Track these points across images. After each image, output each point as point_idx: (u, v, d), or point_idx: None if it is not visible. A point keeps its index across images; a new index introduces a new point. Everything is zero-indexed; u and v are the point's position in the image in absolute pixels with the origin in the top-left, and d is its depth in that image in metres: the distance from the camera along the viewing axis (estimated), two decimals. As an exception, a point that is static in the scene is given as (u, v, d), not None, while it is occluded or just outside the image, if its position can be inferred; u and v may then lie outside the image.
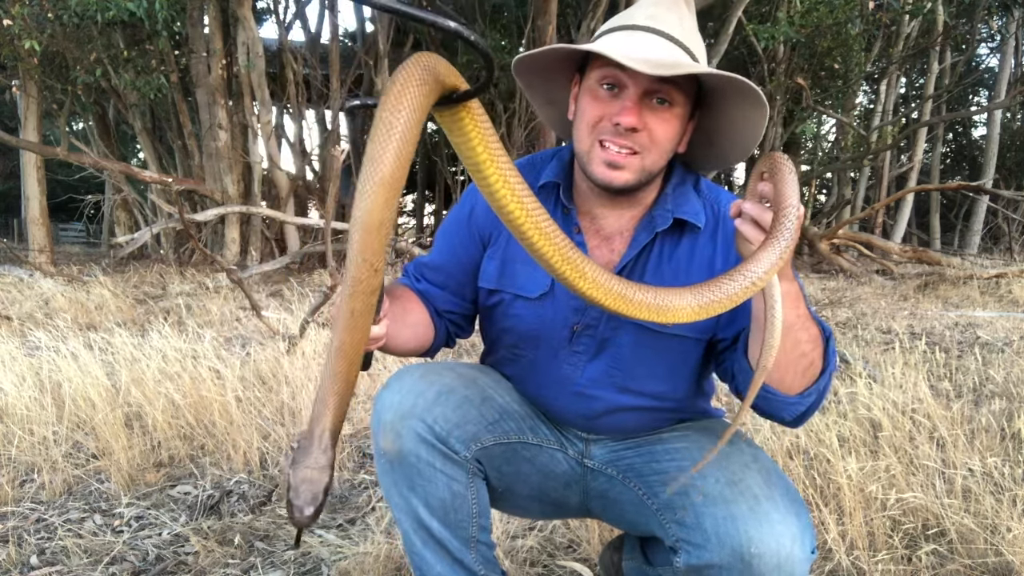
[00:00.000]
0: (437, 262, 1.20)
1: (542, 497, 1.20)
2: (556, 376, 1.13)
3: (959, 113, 14.71)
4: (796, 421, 0.98)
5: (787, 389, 0.94)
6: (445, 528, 1.07)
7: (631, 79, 0.98)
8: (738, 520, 0.89)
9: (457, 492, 1.06)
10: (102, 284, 5.52)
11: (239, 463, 2.19)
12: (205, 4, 8.68)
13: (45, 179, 10.03)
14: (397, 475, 1.05)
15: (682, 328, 1.04)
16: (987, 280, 6.90)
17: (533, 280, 1.11)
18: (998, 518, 1.63)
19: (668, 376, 1.10)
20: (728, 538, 0.88)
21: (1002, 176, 14.94)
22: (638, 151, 1.00)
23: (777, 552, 0.86)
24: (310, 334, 3.66)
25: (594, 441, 1.17)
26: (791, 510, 0.90)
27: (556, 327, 1.11)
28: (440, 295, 1.19)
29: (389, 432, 1.03)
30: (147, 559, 1.67)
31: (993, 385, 3.02)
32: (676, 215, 1.06)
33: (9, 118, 16.70)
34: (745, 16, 9.02)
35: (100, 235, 14.49)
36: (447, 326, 1.21)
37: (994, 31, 13.81)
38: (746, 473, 0.94)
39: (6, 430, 2.28)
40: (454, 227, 1.20)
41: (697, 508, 0.93)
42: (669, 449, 1.07)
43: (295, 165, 10.43)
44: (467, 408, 1.07)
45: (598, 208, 1.10)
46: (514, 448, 1.12)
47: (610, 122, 1.00)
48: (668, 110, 1.00)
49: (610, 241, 1.10)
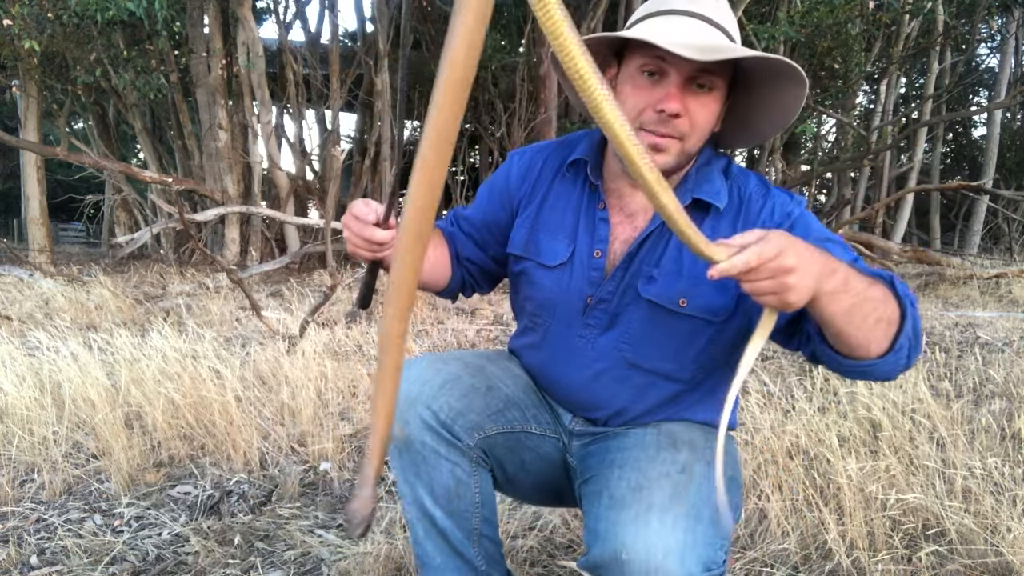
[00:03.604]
0: (471, 214, 1.26)
1: (544, 486, 1.21)
2: (567, 346, 1.14)
3: (959, 113, 14.69)
4: (907, 368, 0.94)
5: (878, 352, 0.89)
6: (448, 517, 1.09)
7: (673, 66, 0.97)
8: (620, 526, 0.88)
9: (460, 479, 1.08)
10: (102, 284, 5.52)
11: (239, 463, 2.19)
12: (205, 4, 8.67)
13: (45, 179, 10.04)
14: (404, 461, 1.08)
15: (695, 309, 1.05)
16: (987, 280, 6.90)
17: (553, 251, 1.14)
18: (998, 518, 1.63)
19: (676, 355, 1.10)
20: (608, 541, 0.88)
21: (1002, 176, 14.92)
22: (679, 137, 1.01)
23: (646, 562, 0.84)
24: (310, 334, 3.66)
25: (577, 435, 1.17)
26: (681, 524, 0.87)
27: (571, 297, 1.13)
28: (464, 241, 1.25)
29: (396, 419, 1.05)
30: (147, 559, 1.67)
31: (993, 385, 3.02)
32: (695, 195, 1.06)
33: (9, 118, 16.70)
34: (745, 16, 9.01)
35: (100, 235, 14.48)
36: (464, 274, 1.26)
37: (994, 31, 13.79)
38: (659, 481, 0.92)
39: (6, 430, 2.28)
40: (490, 185, 1.26)
41: (599, 511, 0.93)
42: (622, 446, 1.06)
43: (295, 165, 10.42)
44: (472, 397, 1.09)
45: (627, 188, 1.12)
46: (518, 437, 1.13)
47: (653, 110, 0.99)
48: (708, 94, 1.00)
49: (633, 218, 1.12)
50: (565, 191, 1.16)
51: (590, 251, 1.11)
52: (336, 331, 3.96)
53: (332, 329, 4.02)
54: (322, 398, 2.69)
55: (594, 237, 1.11)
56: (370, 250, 1.02)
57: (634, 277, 1.08)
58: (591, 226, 1.12)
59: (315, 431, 2.37)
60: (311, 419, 2.44)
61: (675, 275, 1.06)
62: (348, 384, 2.94)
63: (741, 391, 2.59)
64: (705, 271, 1.05)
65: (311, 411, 2.47)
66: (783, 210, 1.07)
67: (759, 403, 2.37)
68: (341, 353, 3.54)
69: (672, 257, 1.07)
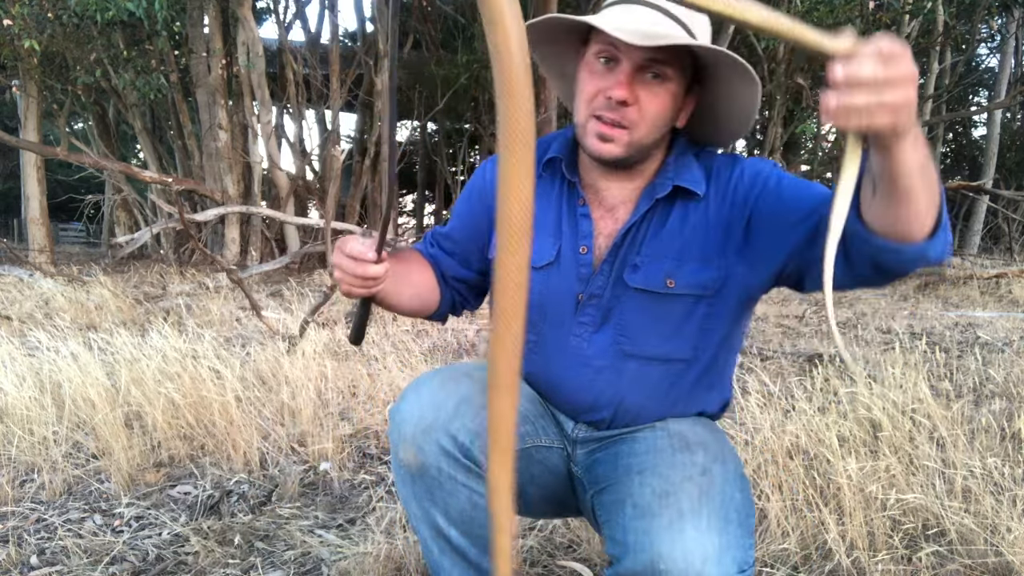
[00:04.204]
0: (449, 231, 1.25)
1: (550, 498, 1.20)
2: (562, 347, 1.13)
3: (959, 113, 14.70)
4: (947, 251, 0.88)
5: (930, 227, 0.82)
6: (464, 537, 1.06)
7: (624, 53, 0.99)
8: (653, 535, 0.87)
9: (477, 504, 1.05)
10: (102, 284, 5.52)
11: (239, 463, 2.19)
12: (205, 4, 8.68)
13: (45, 179, 10.05)
14: (418, 487, 1.05)
15: (683, 286, 1.06)
16: (987, 280, 6.90)
17: (539, 251, 1.13)
18: (998, 518, 1.63)
19: (673, 335, 1.10)
20: (642, 553, 0.87)
21: (1002, 176, 14.92)
22: (627, 126, 1.01)
23: (685, 571, 0.84)
24: (310, 334, 3.67)
25: (581, 442, 1.16)
26: (715, 527, 0.87)
27: (562, 296, 1.12)
28: (447, 261, 1.23)
29: (411, 446, 1.02)
30: (147, 559, 1.67)
31: (993, 385, 3.02)
32: (676, 183, 1.07)
33: (9, 118, 16.70)
34: (745, 16, 9.01)
35: (100, 235, 14.49)
36: (453, 294, 1.25)
37: (994, 31, 13.79)
38: (683, 486, 0.91)
39: (6, 430, 2.28)
40: (466, 197, 1.25)
41: (625, 522, 0.92)
42: (633, 451, 1.05)
43: (295, 165, 10.43)
44: (484, 416, 1.06)
45: (601, 180, 1.12)
46: (529, 452, 1.12)
47: (604, 96, 1.01)
48: (660, 84, 1.01)
49: (614, 211, 1.12)
50: (544, 191, 1.16)
51: (575, 248, 1.11)
52: (336, 331, 3.96)
53: (332, 329, 4.02)
54: (322, 398, 2.69)
55: (578, 234, 1.11)
56: (366, 287, 1.00)
57: (621, 269, 1.08)
58: (574, 223, 1.12)
59: (315, 431, 2.37)
60: (311, 419, 2.44)
61: (658, 258, 1.06)
62: (348, 384, 2.94)
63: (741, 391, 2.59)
64: (685, 248, 1.06)
65: (311, 411, 2.47)
66: (753, 169, 1.07)
67: (759, 403, 2.37)
68: (341, 353, 3.54)
69: (652, 242, 1.08)
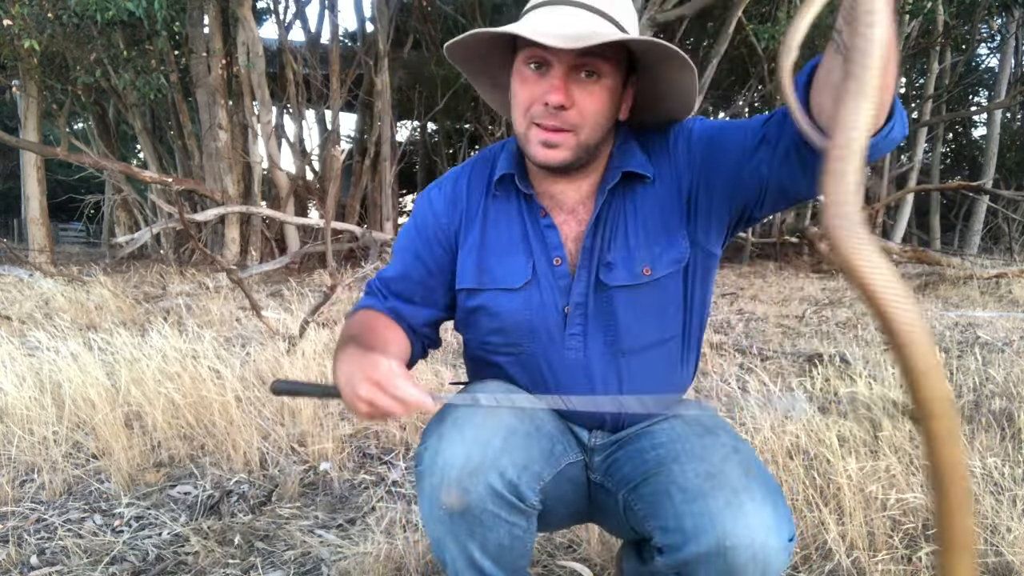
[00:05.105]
0: (401, 271, 1.17)
1: (573, 511, 1.17)
2: (562, 363, 1.10)
3: (959, 113, 14.70)
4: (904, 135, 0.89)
5: (887, 114, 0.81)
6: (497, 566, 1.04)
7: (554, 56, 0.97)
8: (714, 515, 0.88)
9: (516, 536, 1.02)
10: (102, 284, 5.52)
11: (239, 463, 2.19)
12: (205, 4, 8.68)
13: (45, 179, 10.05)
14: (457, 526, 0.99)
15: (660, 269, 1.06)
16: (987, 280, 6.90)
17: (513, 270, 1.10)
18: (998, 518, 1.63)
19: (661, 317, 1.10)
20: (704, 534, 0.88)
21: (1002, 176, 14.92)
22: (569, 129, 1.00)
23: (751, 544, 0.86)
24: (310, 334, 3.66)
25: (598, 450, 1.15)
26: (768, 500, 0.89)
27: (548, 312, 1.09)
28: (411, 310, 1.16)
29: (455, 488, 0.96)
30: (147, 559, 1.67)
31: (993, 385, 3.02)
32: (625, 169, 1.07)
33: (9, 118, 16.70)
34: (745, 16, 9.01)
35: (100, 235, 14.49)
36: (422, 340, 1.19)
37: (994, 31, 13.79)
38: (725, 465, 0.93)
39: (6, 430, 2.28)
40: (413, 233, 1.17)
41: (677, 508, 0.92)
42: (656, 444, 1.05)
43: (295, 165, 10.44)
44: (529, 445, 1.02)
45: (554, 186, 1.10)
46: (562, 472, 1.09)
47: (540, 103, 0.99)
48: (596, 83, 0.99)
49: (575, 213, 1.11)
50: (503, 208, 1.13)
51: (549, 261, 1.09)
52: (336, 331, 3.96)
53: (332, 329, 4.02)
54: (322, 398, 2.69)
55: (548, 246, 1.09)
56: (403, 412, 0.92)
57: (597, 270, 1.07)
58: (540, 236, 1.10)
59: (315, 431, 2.37)
60: (311, 419, 2.44)
61: (629, 249, 1.06)
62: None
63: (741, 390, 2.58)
64: (651, 231, 1.06)
65: (311, 411, 2.47)
66: (678, 127, 1.10)
67: (759, 403, 2.37)
68: (341, 353, 3.54)
69: (618, 234, 1.07)
